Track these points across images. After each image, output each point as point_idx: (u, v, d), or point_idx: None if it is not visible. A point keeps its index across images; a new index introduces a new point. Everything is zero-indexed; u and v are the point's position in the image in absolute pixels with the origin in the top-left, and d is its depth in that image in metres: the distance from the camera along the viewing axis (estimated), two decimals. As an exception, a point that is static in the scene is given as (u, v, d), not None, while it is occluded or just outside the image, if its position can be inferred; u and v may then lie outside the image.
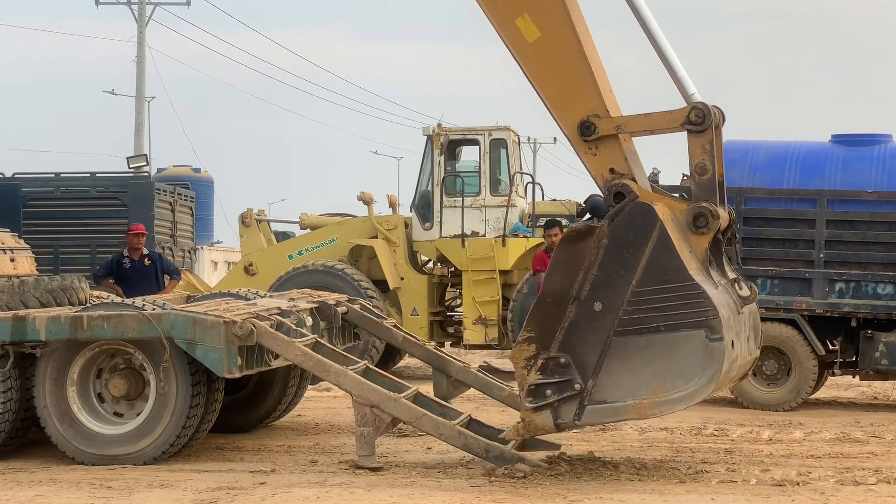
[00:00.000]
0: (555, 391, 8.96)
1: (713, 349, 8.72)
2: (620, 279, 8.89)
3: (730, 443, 11.13)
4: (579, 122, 9.28)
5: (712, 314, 8.74)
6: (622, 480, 9.12)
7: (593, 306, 8.92)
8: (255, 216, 19.32)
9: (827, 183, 14.03)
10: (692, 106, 9.22)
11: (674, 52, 9.47)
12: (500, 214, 17.90)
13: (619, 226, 9.00)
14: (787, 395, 13.91)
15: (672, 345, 8.79)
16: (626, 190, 9.08)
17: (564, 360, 8.94)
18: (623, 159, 9.28)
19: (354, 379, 9.61)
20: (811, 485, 8.99)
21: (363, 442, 9.52)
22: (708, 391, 8.84)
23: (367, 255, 18.24)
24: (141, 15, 39.55)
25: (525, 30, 9.34)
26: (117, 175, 22.50)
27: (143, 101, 39.27)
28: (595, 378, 8.90)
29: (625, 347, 8.86)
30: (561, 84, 9.36)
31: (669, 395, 8.79)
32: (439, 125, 18.30)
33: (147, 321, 9.67)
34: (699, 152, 9.20)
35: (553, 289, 9.05)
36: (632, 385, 8.86)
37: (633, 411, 8.93)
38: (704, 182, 9.21)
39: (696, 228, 9.09)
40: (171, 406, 9.80)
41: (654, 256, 8.87)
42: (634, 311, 8.85)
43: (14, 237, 13.15)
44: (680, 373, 8.78)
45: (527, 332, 9.07)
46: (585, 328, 8.93)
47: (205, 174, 35.08)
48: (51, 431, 9.97)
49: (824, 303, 13.84)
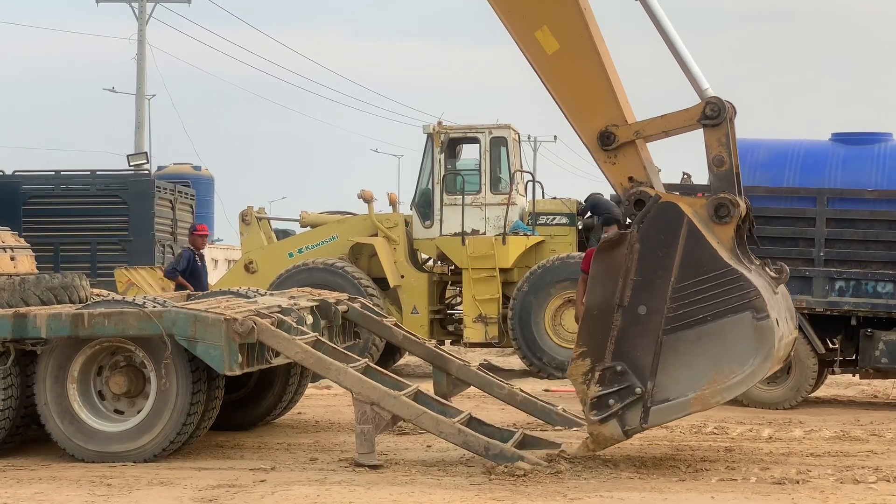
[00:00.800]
0: (617, 399, 9.13)
1: (762, 328, 8.91)
2: (659, 279, 9.08)
3: (730, 441, 11.13)
4: (599, 132, 9.48)
5: (754, 294, 8.92)
6: (622, 479, 9.13)
7: (638, 310, 9.09)
8: (255, 214, 19.33)
9: (827, 181, 14.03)
10: (707, 101, 9.42)
11: (686, 50, 9.60)
12: (500, 212, 17.91)
13: (649, 228, 9.19)
14: (787, 393, 13.91)
15: (722, 332, 8.97)
16: (645, 196, 9.28)
17: (620, 368, 9.11)
18: (641, 167, 9.48)
19: (354, 376, 9.62)
20: (811, 483, 9.00)
21: (363, 439, 9.53)
22: (765, 370, 9.02)
23: (367, 253, 18.25)
24: (141, 13, 39.55)
25: (544, 42, 9.52)
26: (118, 173, 22.53)
27: (143, 99, 39.27)
28: (653, 379, 9.06)
29: (676, 344, 9.03)
30: (580, 95, 9.56)
31: (728, 380, 8.97)
32: (440, 123, 18.31)
33: (148, 318, 9.68)
34: (716, 145, 9.40)
35: (597, 301, 9.22)
36: (690, 378, 9.03)
37: (697, 403, 9.08)
38: (723, 173, 9.42)
39: (718, 219, 9.27)
40: (171, 403, 9.81)
41: (688, 251, 9.06)
42: (678, 307, 9.03)
43: (14, 235, 13.15)
44: (735, 357, 8.96)
45: (579, 347, 9.24)
46: (634, 333, 9.09)
47: (205, 172, 35.10)
48: (51, 429, 9.97)
49: (824, 301, 13.84)
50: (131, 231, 21.08)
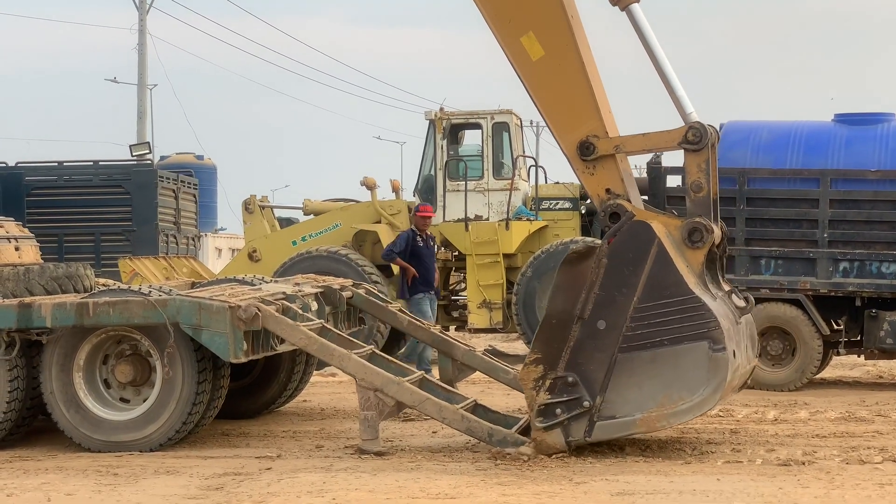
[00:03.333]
0: (564, 410, 9.14)
1: (717, 360, 8.92)
2: (622, 296, 9.08)
3: (735, 423, 11.14)
4: (579, 142, 9.46)
5: (714, 325, 8.94)
6: (627, 462, 9.14)
7: (597, 325, 9.10)
8: (258, 203, 19.33)
9: (830, 162, 14.03)
10: (689, 126, 9.42)
11: (674, 73, 9.60)
12: (503, 198, 17.90)
13: (618, 244, 9.19)
14: (793, 374, 13.92)
15: (676, 358, 8.98)
16: (621, 210, 9.28)
17: (572, 379, 9.11)
18: (619, 180, 9.46)
19: (358, 362, 9.62)
20: (817, 464, 9.00)
21: (367, 426, 9.54)
22: (714, 401, 9.04)
23: (370, 241, 18.25)
24: (142, 3, 39.48)
25: (530, 48, 9.50)
26: (120, 163, 22.52)
27: (145, 89, 39.23)
28: (603, 394, 9.07)
29: (630, 363, 9.04)
30: (562, 103, 9.54)
31: (676, 406, 8.99)
32: (441, 109, 18.30)
33: (153, 307, 9.68)
34: (695, 171, 9.42)
35: (557, 310, 9.23)
36: (639, 399, 9.05)
37: (642, 425, 9.11)
38: (700, 199, 9.41)
39: (691, 243, 9.27)
40: (177, 392, 9.82)
41: (654, 272, 9.06)
42: (637, 326, 9.03)
43: (18, 226, 13.15)
44: (685, 385, 8.97)
45: (534, 353, 9.25)
46: (591, 346, 9.10)
47: (208, 161, 35.07)
48: (57, 418, 9.99)
49: (828, 282, 13.84)
50: (135, 221, 21.08)
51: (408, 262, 15.06)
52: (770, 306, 13.94)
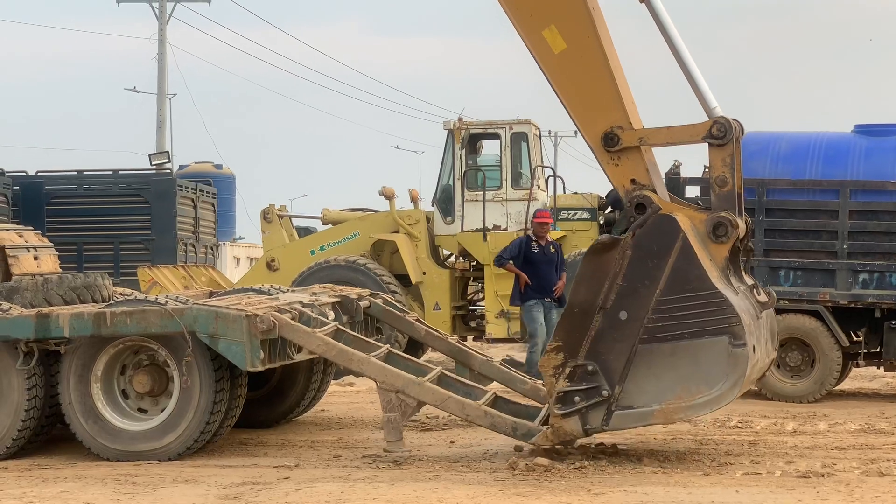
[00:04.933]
0: (583, 398, 9.18)
1: (736, 355, 8.95)
2: (645, 288, 9.11)
3: (754, 435, 11.10)
4: (603, 133, 9.47)
5: (735, 321, 8.97)
6: (646, 473, 9.11)
7: (619, 315, 9.13)
8: (276, 212, 19.35)
9: (850, 173, 13.97)
10: (714, 120, 9.43)
11: (697, 67, 9.60)
12: (521, 208, 17.88)
13: (643, 237, 9.22)
14: (812, 386, 13.86)
15: (696, 351, 9.02)
16: (647, 201, 9.29)
17: (592, 368, 9.16)
18: (644, 170, 9.48)
19: (377, 365, 9.64)
20: (836, 476, 8.96)
21: (391, 427, 9.56)
22: (732, 396, 9.07)
23: (388, 250, 18.26)
24: (162, 12, 39.66)
25: (552, 41, 9.51)
26: (140, 172, 22.58)
27: (164, 99, 39.39)
28: (622, 384, 9.11)
29: (650, 354, 9.08)
30: (586, 95, 9.56)
31: (694, 399, 9.03)
32: (460, 119, 18.30)
33: (170, 316, 9.70)
34: (720, 165, 9.43)
35: (579, 299, 9.26)
36: (657, 391, 9.10)
37: (659, 416, 9.16)
38: (724, 194, 9.42)
39: (715, 237, 9.31)
40: (194, 402, 9.83)
41: (677, 266, 9.09)
42: (659, 319, 9.07)
43: (38, 235, 13.21)
44: (704, 378, 9.02)
45: (555, 341, 9.30)
46: (611, 336, 9.14)
47: (226, 170, 35.16)
48: (76, 428, 10.01)
49: (848, 294, 13.78)
50: (154, 230, 21.14)
51: (521, 269, 14.84)
52: (789, 317, 13.89)
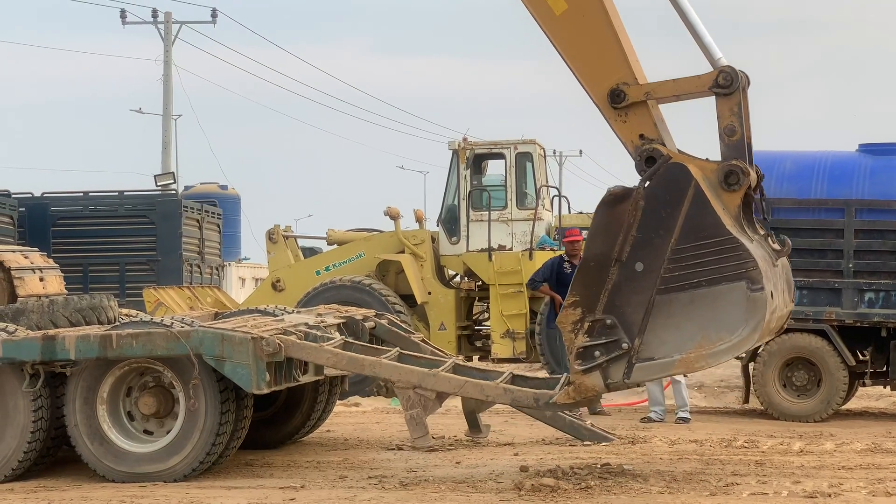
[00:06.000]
0: (603, 352, 9.10)
1: (755, 299, 8.88)
2: (659, 239, 9.04)
3: (760, 454, 11.08)
4: (609, 91, 9.41)
5: (752, 265, 8.89)
6: (652, 493, 9.09)
7: (635, 267, 9.06)
8: (282, 232, 19.36)
9: (855, 192, 13.97)
10: (720, 69, 9.34)
11: (699, 20, 9.52)
12: (526, 228, 17.90)
13: (655, 187, 9.15)
14: (818, 406, 13.83)
15: (714, 298, 8.94)
16: (656, 154, 9.22)
17: (610, 322, 9.08)
18: (652, 125, 9.40)
19: (390, 365, 9.66)
20: (843, 496, 8.94)
21: (414, 424, 9.56)
22: (752, 341, 9.01)
23: (394, 270, 18.26)
24: (167, 34, 39.73)
25: (553, 3, 9.50)
26: (145, 193, 22.62)
27: (169, 120, 39.41)
28: (641, 336, 9.03)
29: (668, 305, 9.01)
30: (589, 54, 9.50)
31: (715, 347, 8.95)
32: (465, 139, 18.33)
33: (176, 339, 9.70)
34: (728, 114, 9.33)
35: (595, 252, 9.19)
36: (677, 341, 9.02)
37: (680, 366, 9.11)
38: (734, 143, 9.31)
39: (727, 186, 9.21)
40: (200, 423, 9.83)
41: (691, 214, 9.02)
42: (675, 268, 9.00)
43: (43, 256, 13.26)
44: (724, 325, 8.94)
45: (572, 296, 9.20)
46: (628, 289, 9.07)
47: (232, 191, 35.21)
48: (81, 450, 10.00)
49: (854, 313, 13.77)
50: (159, 251, 21.17)
51: (555, 290, 14.49)
52: (795, 337, 13.88)
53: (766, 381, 13.90)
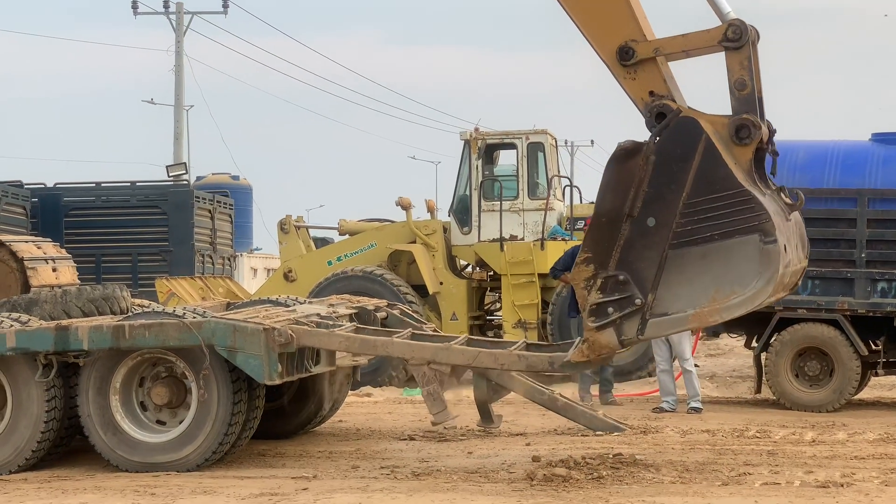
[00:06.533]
0: (616, 308, 9.03)
1: (768, 252, 8.80)
2: (671, 193, 8.97)
3: (772, 444, 11.07)
4: (617, 48, 9.31)
5: (764, 218, 8.81)
6: (664, 483, 9.09)
7: (646, 222, 8.99)
8: (293, 223, 19.39)
9: (868, 182, 13.93)
10: (729, 23, 9.22)
11: None
12: (538, 218, 17.89)
13: (666, 141, 9.07)
14: (830, 395, 13.81)
15: (727, 252, 8.87)
16: (666, 109, 9.13)
17: (623, 278, 9.01)
18: (662, 81, 9.30)
19: (403, 343, 9.69)
20: (855, 486, 8.93)
21: (432, 400, 9.58)
22: (766, 294, 8.91)
23: (405, 261, 18.27)
24: (179, 24, 39.76)
25: None
26: (157, 184, 22.64)
27: (181, 110, 39.46)
28: (654, 292, 8.96)
29: (681, 259, 8.94)
30: (597, 12, 9.41)
31: (729, 301, 8.88)
32: (476, 129, 18.33)
33: (188, 329, 9.73)
34: (738, 68, 9.21)
35: (606, 208, 9.11)
36: (691, 295, 8.96)
37: (694, 320, 9.04)
38: (745, 97, 9.20)
39: (739, 140, 9.10)
40: (212, 413, 9.85)
41: (703, 167, 8.95)
42: (687, 223, 8.92)
43: (56, 247, 13.28)
44: (737, 278, 8.87)
45: (584, 253, 9.15)
46: (641, 244, 9.00)
47: (243, 182, 35.24)
48: (94, 440, 10.04)
49: (866, 303, 13.74)
50: (171, 241, 21.20)
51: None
52: (807, 327, 13.86)
53: (779, 371, 13.88)
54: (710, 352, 20.73)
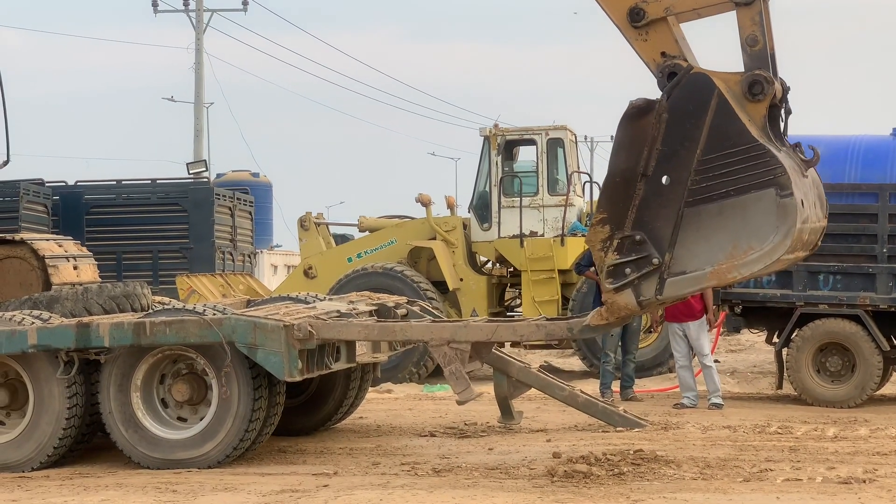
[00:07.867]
0: (634, 269, 8.94)
1: (785, 205, 8.69)
2: (685, 150, 8.86)
3: (794, 440, 11.03)
4: (628, 9, 9.22)
5: (780, 172, 8.70)
6: (686, 479, 9.07)
7: (661, 180, 8.89)
8: (313, 219, 19.40)
9: (889, 177, 13.88)
10: None
11: None
12: (558, 214, 17.87)
13: (678, 98, 8.96)
14: (852, 391, 13.76)
15: (743, 207, 8.77)
16: (678, 69, 9.03)
17: (639, 237, 8.91)
18: (673, 42, 9.20)
19: (421, 326, 9.75)
20: (878, 482, 8.90)
21: (454, 379, 9.60)
22: (784, 248, 8.76)
23: (425, 257, 18.27)
24: (198, 22, 39.84)
25: None
26: (177, 181, 22.66)
27: (201, 108, 39.54)
28: (671, 251, 8.87)
29: (697, 217, 8.84)
30: None
31: (747, 256, 8.77)
32: (496, 125, 18.31)
33: (208, 326, 9.75)
34: (749, 24, 9.08)
35: (620, 168, 9.01)
36: (708, 252, 8.85)
37: (713, 277, 8.92)
38: (756, 52, 9.07)
39: (752, 96, 8.98)
40: (233, 410, 9.87)
41: (716, 123, 8.84)
42: (702, 179, 8.82)
43: (77, 245, 13.31)
44: (755, 233, 8.76)
45: (599, 213, 9.07)
46: (656, 203, 8.90)
47: (263, 178, 35.28)
48: (116, 437, 10.07)
49: (888, 298, 13.68)
50: (192, 239, 21.21)
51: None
52: (829, 322, 13.81)
53: (800, 367, 13.83)
54: (731, 347, 20.68)
